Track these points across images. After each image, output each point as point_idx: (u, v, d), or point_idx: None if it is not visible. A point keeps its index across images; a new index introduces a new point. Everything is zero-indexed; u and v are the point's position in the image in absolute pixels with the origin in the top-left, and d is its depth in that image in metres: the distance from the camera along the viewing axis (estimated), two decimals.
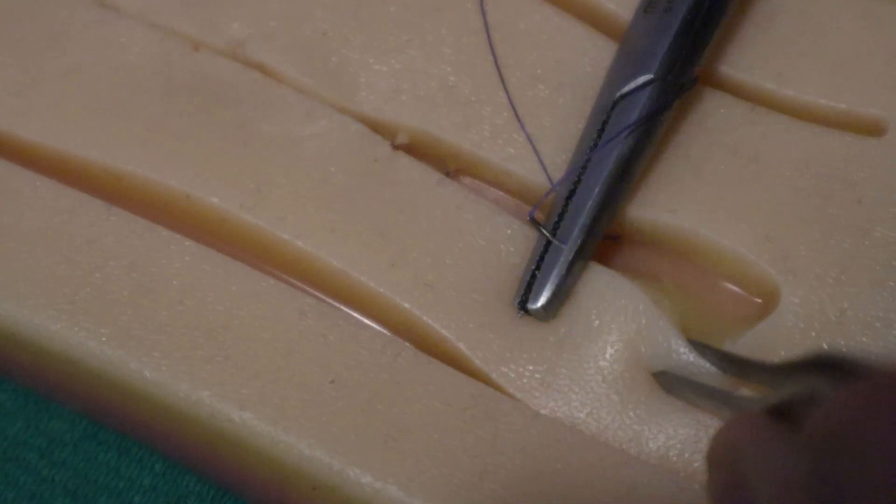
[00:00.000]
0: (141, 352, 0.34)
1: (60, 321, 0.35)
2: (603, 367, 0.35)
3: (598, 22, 0.40)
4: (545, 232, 0.36)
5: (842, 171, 0.37)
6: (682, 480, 0.33)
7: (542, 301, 0.35)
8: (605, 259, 0.38)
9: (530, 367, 0.35)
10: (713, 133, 0.38)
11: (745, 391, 0.34)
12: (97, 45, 0.40)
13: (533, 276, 0.36)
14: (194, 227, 0.37)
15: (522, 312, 0.36)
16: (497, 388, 0.35)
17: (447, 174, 0.38)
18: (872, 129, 0.38)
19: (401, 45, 0.40)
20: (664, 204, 0.37)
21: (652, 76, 0.37)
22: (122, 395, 0.35)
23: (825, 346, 0.35)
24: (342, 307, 0.37)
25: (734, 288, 0.38)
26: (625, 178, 0.36)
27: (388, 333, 0.36)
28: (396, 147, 0.38)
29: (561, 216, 0.36)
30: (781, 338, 0.35)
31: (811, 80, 0.39)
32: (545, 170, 0.38)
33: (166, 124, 0.38)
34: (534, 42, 0.39)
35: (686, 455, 0.34)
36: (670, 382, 0.35)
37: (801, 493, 0.23)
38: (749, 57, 0.39)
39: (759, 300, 0.37)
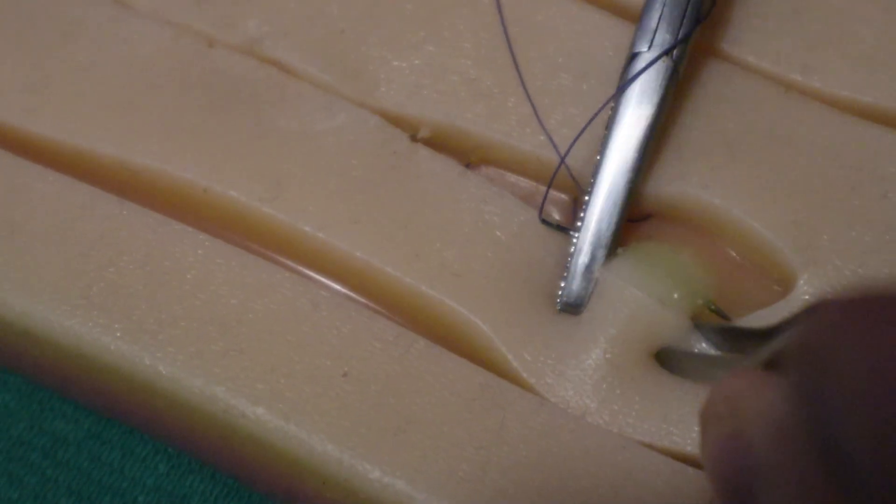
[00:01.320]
0: (155, 347, 0.34)
1: (74, 317, 0.35)
2: (610, 357, 0.35)
3: (615, 7, 0.40)
4: (568, 231, 0.36)
5: (871, 163, 0.37)
6: (676, 464, 0.34)
7: (571, 297, 0.36)
8: (632, 234, 0.38)
9: (544, 354, 0.35)
10: (747, 113, 0.38)
11: None
12: (111, 43, 0.40)
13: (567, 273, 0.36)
14: (212, 221, 0.37)
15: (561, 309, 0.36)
16: (512, 373, 0.35)
17: (467, 166, 0.38)
18: None
19: (419, 42, 0.40)
20: (697, 179, 0.37)
21: (638, 50, 0.37)
22: (136, 390, 0.35)
23: None
24: (356, 297, 0.37)
25: (757, 272, 0.38)
26: (635, 160, 0.36)
27: (401, 325, 0.36)
28: (416, 140, 0.38)
29: (584, 207, 0.37)
30: None
31: (837, 73, 0.39)
32: (554, 144, 0.38)
33: (182, 119, 0.38)
34: (553, 32, 0.39)
35: (687, 437, 0.34)
36: (671, 358, 0.35)
37: (791, 422, 0.23)
38: (775, 47, 0.39)
39: (778, 287, 0.37)
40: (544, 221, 0.37)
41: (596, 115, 0.37)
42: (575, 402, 0.35)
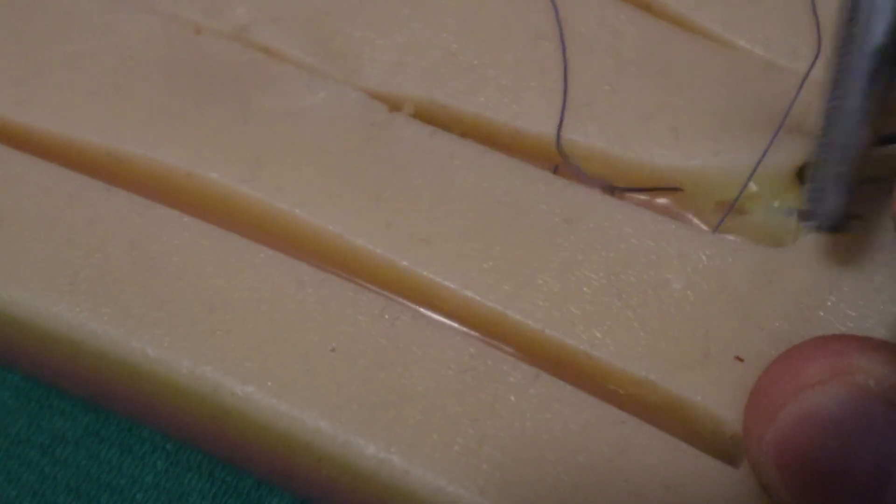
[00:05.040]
0: (142, 329, 0.34)
1: (61, 303, 0.35)
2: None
3: None
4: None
5: None
6: (672, 439, 0.33)
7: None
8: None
9: (542, 300, 0.35)
10: None
11: None
12: (100, 33, 0.40)
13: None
14: (195, 205, 0.37)
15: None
16: (511, 326, 0.35)
17: None
18: None
19: (404, 20, 0.40)
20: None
21: None
22: (126, 375, 0.35)
23: None
24: (341, 274, 0.36)
25: None
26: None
27: (387, 297, 0.36)
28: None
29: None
30: None
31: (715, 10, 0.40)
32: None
33: (168, 105, 0.38)
34: (534, 4, 0.40)
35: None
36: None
37: None
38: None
39: None
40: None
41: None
42: (588, 339, 0.35)
